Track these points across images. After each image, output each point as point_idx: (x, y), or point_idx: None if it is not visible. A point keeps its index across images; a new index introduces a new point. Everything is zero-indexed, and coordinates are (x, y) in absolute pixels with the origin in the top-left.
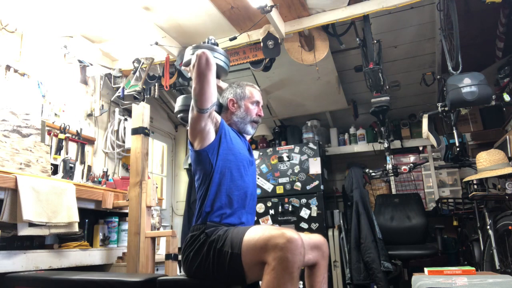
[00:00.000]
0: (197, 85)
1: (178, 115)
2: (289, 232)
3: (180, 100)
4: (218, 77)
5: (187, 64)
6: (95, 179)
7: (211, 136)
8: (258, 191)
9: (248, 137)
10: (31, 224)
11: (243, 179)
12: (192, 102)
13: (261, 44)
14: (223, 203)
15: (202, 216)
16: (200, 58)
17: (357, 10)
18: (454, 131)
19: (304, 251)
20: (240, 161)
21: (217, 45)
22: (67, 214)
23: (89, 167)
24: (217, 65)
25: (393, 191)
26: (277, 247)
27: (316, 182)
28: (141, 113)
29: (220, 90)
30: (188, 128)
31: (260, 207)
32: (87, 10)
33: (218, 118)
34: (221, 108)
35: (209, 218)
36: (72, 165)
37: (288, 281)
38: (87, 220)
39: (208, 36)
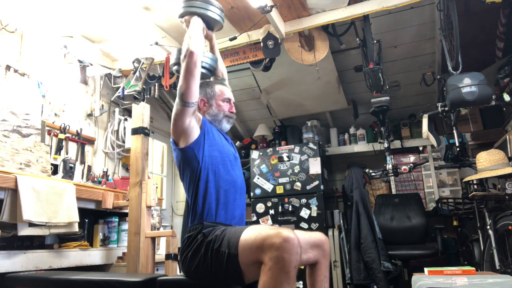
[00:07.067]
0: (184, 81)
1: (174, 67)
2: (285, 231)
3: (177, 52)
4: (211, 29)
5: (183, 15)
6: (95, 179)
7: (195, 133)
8: (258, 191)
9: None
10: (31, 224)
11: (231, 174)
12: (177, 99)
13: (261, 44)
14: (214, 199)
15: (198, 216)
16: (190, 57)
17: (357, 10)
18: (454, 131)
19: (300, 250)
20: (226, 156)
21: None
22: (67, 214)
23: (89, 167)
24: (212, 18)
25: (393, 191)
26: (273, 247)
27: (316, 182)
28: (141, 113)
29: (209, 41)
30: (171, 126)
31: (260, 207)
32: (87, 10)
33: (200, 116)
34: None
35: (204, 217)
36: (72, 165)
37: (284, 280)
38: (87, 220)
39: None
